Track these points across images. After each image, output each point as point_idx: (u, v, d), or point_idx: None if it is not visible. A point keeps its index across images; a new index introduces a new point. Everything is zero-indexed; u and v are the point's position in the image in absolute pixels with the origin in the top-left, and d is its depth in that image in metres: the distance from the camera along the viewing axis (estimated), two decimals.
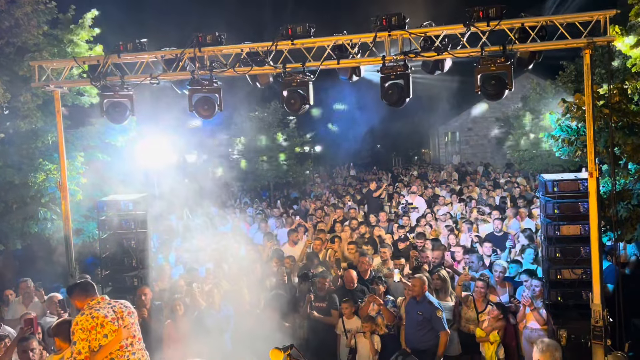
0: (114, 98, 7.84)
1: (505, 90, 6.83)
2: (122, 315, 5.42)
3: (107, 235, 8.49)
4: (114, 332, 5.30)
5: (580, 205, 7.14)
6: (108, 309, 5.39)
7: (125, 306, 5.54)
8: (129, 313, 5.51)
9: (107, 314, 5.32)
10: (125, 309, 5.50)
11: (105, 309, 5.36)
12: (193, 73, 7.44)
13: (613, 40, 6.78)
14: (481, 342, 7.90)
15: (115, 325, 5.31)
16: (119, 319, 5.38)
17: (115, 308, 5.43)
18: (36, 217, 10.83)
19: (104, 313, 5.31)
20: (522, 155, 22.86)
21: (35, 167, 10.71)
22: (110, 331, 5.29)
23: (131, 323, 5.46)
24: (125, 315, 5.44)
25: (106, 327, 5.28)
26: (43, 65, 8.07)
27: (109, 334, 5.28)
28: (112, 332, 5.29)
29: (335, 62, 7.20)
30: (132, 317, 5.52)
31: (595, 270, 6.65)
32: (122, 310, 5.44)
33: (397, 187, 20.84)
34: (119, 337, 5.32)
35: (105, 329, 5.27)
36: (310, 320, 8.45)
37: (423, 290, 7.80)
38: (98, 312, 5.29)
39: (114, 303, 5.51)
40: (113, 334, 5.29)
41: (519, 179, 20.88)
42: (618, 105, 8.54)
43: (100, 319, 5.27)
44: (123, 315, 5.42)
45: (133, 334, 5.47)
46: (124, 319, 5.41)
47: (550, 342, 4.89)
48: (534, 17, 6.64)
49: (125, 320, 5.41)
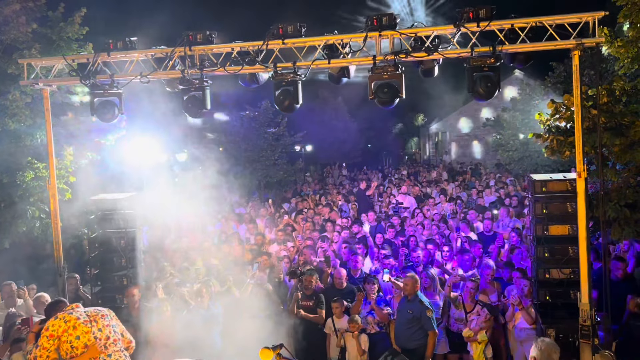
0: (104, 97, 7.80)
1: (495, 90, 6.87)
2: (96, 318, 5.38)
3: (96, 235, 8.44)
4: (86, 334, 5.24)
5: (569, 205, 7.19)
6: (80, 312, 5.39)
7: (97, 309, 5.53)
8: (103, 316, 5.45)
9: (79, 317, 5.31)
10: (99, 312, 5.47)
11: (77, 313, 5.36)
12: (183, 72, 7.41)
13: (601, 42, 6.82)
14: (469, 341, 7.94)
15: (88, 327, 5.27)
16: (92, 321, 5.34)
17: (88, 312, 5.43)
18: (24, 216, 10.74)
19: (77, 316, 5.30)
20: (511, 156, 23.00)
21: (23, 165, 10.62)
22: (83, 332, 5.24)
23: (105, 325, 5.40)
24: (98, 317, 5.39)
25: (78, 329, 5.24)
26: (32, 63, 8.02)
27: (82, 335, 5.24)
28: (84, 334, 5.24)
29: (326, 62, 7.21)
30: (106, 320, 5.46)
31: (584, 270, 6.70)
32: (95, 314, 5.42)
33: (387, 187, 20.88)
34: (93, 350, 5.28)
35: (77, 330, 5.24)
36: (297, 319, 8.45)
37: (415, 289, 7.84)
38: (70, 315, 5.30)
39: (87, 309, 5.51)
40: (85, 335, 5.24)
41: (509, 179, 20.99)
42: (606, 106, 8.63)
43: (72, 321, 5.25)
44: (97, 318, 5.38)
45: (107, 335, 5.39)
46: (97, 321, 5.36)
47: (550, 343, 4.90)
48: (523, 18, 6.67)
49: (99, 323, 5.36)
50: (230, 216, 15.28)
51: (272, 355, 4.61)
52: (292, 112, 7.53)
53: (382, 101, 7.13)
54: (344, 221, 13.54)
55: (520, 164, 22.50)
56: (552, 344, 4.90)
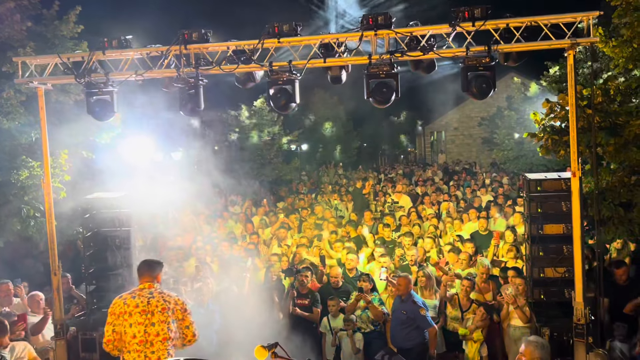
0: (99, 95, 7.77)
1: (490, 90, 6.88)
2: (154, 311, 5.32)
3: (91, 234, 8.42)
4: (139, 325, 5.28)
5: (564, 205, 7.22)
6: (144, 298, 5.36)
7: (164, 300, 5.41)
8: (163, 309, 5.35)
9: (139, 304, 5.34)
10: (163, 304, 5.37)
11: (143, 298, 5.37)
12: (179, 70, 7.39)
13: (596, 42, 6.85)
14: (465, 340, 7.96)
15: (143, 317, 5.29)
16: (149, 312, 5.31)
17: (154, 299, 5.38)
18: (19, 215, 10.70)
19: (137, 302, 5.34)
20: (506, 155, 23.07)
21: (18, 164, 10.59)
22: (136, 322, 5.29)
23: (160, 321, 5.31)
24: (157, 311, 5.32)
25: (133, 317, 5.31)
26: (26, 62, 7.97)
27: (134, 325, 5.29)
28: (137, 324, 5.28)
29: (322, 61, 7.20)
30: (165, 314, 5.35)
31: (578, 269, 6.73)
32: (156, 306, 5.34)
33: (383, 186, 20.89)
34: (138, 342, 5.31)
35: (132, 317, 5.31)
36: (292, 317, 8.46)
37: (408, 289, 7.85)
38: (132, 300, 5.36)
39: (156, 295, 5.43)
40: (138, 326, 5.28)
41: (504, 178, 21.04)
42: (601, 105, 8.66)
43: (131, 307, 5.34)
44: (155, 311, 5.33)
45: (157, 332, 5.29)
46: (154, 314, 5.31)
47: (536, 339, 4.91)
48: (518, 18, 6.68)
49: (155, 316, 5.30)
50: (226, 215, 15.28)
51: (267, 354, 4.60)
52: (288, 111, 7.52)
53: (378, 100, 7.13)
54: None
55: (515, 163, 22.57)
56: (538, 341, 4.91)
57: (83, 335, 7.98)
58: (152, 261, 5.82)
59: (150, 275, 5.63)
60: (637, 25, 8.20)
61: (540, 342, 4.85)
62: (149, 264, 5.72)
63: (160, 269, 5.78)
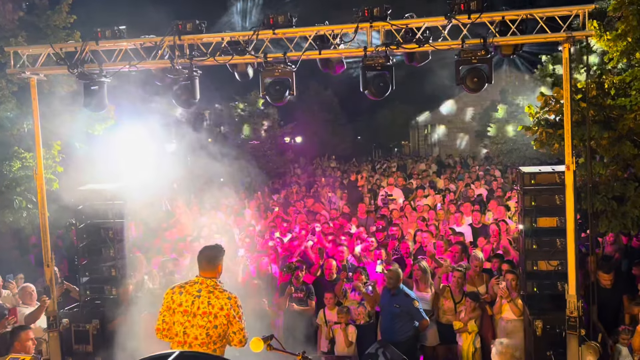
0: (92, 86, 7.71)
1: (485, 83, 6.87)
2: (195, 313, 4.94)
3: (84, 225, 8.38)
4: (180, 325, 4.95)
5: (557, 198, 7.24)
6: (190, 297, 4.99)
7: (209, 304, 4.95)
8: (204, 314, 4.92)
9: (182, 302, 4.99)
10: (205, 308, 4.94)
11: (189, 296, 5.00)
12: (172, 61, 7.34)
13: (591, 35, 6.85)
14: (459, 333, 7.99)
15: (184, 318, 4.94)
16: (190, 314, 4.95)
17: (199, 299, 4.98)
18: (11, 206, 10.64)
19: (181, 300, 5.00)
20: (500, 148, 23.11)
21: (10, 155, 10.52)
22: (178, 322, 4.97)
23: (199, 325, 4.90)
24: (198, 314, 4.94)
25: (176, 315, 5.00)
26: (18, 52, 7.89)
27: (177, 323, 4.97)
28: (178, 323, 4.96)
29: (317, 53, 7.17)
30: (204, 319, 4.91)
31: (571, 262, 6.75)
32: (200, 307, 4.95)
33: (377, 179, 20.90)
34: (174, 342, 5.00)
35: (175, 316, 5.00)
36: (288, 310, 8.46)
37: (398, 282, 7.87)
38: (179, 297, 5.03)
39: (203, 296, 4.99)
40: (180, 325, 4.95)
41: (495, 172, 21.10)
42: (595, 99, 8.68)
43: (175, 304, 5.02)
44: (197, 313, 4.94)
45: (196, 335, 4.91)
46: (195, 316, 4.94)
47: (510, 343, 4.89)
48: (514, 11, 6.68)
49: (195, 318, 4.92)
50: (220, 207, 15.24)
51: (263, 346, 4.61)
52: (282, 103, 7.49)
53: (373, 92, 7.12)
54: (333, 213, 13.56)
55: (509, 156, 22.61)
56: (512, 344, 4.89)
57: (76, 327, 7.96)
58: (212, 249, 5.27)
59: (210, 266, 5.16)
60: (632, 18, 8.21)
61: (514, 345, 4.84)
62: (208, 256, 5.20)
63: (222, 256, 5.26)
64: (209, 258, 5.17)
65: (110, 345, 7.58)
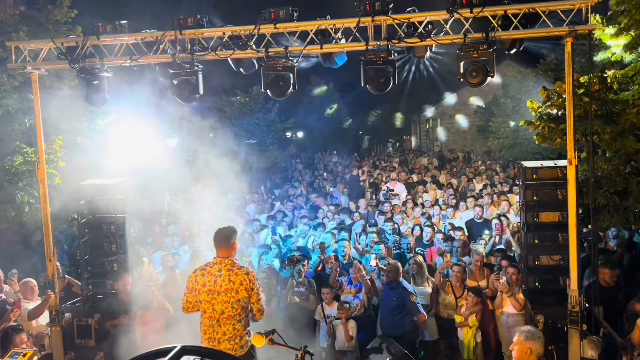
0: (93, 81, 7.70)
1: (487, 77, 6.85)
2: (218, 290, 5.48)
3: (86, 220, 8.39)
4: (207, 303, 5.51)
5: (559, 192, 7.23)
6: (212, 277, 5.54)
7: (230, 281, 5.52)
8: (227, 290, 5.49)
9: (206, 283, 5.53)
10: (227, 285, 5.50)
11: (211, 277, 5.54)
12: (174, 56, 7.32)
13: (594, 29, 6.82)
14: (460, 327, 8.00)
15: (209, 296, 5.50)
16: (214, 292, 5.49)
17: (220, 278, 5.51)
18: (13, 201, 10.64)
19: (205, 281, 5.54)
20: (502, 143, 23.05)
21: (12, 150, 10.51)
22: (204, 300, 5.52)
23: (224, 301, 5.49)
24: (222, 291, 5.49)
25: (202, 295, 5.54)
26: (20, 46, 7.88)
27: (203, 302, 5.52)
28: (205, 302, 5.52)
29: (319, 47, 7.15)
30: (228, 295, 5.49)
31: (573, 257, 6.75)
32: (222, 285, 5.49)
33: (379, 174, 20.88)
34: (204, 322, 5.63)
35: (201, 295, 5.54)
36: (289, 304, 8.47)
37: (397, 276, 7.89)
38: (202, 279, 5.56)
39: (224, 274, 5.53)
40: (206, 303, 5.51)
41: (498, 166, 21.09)
42: (598, 93, 8.64)
43: (199, 286, 5.55)
44: (220, 290, 5.49)
45: (222, 310, 5.51)
46: (219, 294, 5.48)
47: (528, 330, 4.88)
48: (516, 5, 6.65)
49: (220, 296, 5.48)
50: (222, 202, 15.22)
51: (265, 340, 4.62)
52: (283, 98, 7.47)
53: (375, 87, 7.10)
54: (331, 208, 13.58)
55: (510, 151, 22.54)
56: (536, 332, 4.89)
57: (78, 322, 8.00)
58: (226, 230, 5.78)
59: (226, 245, 5.69)
60: (635, 12, 8.17)
61: (532, 332, 4.83)
62: (224, 234, 5.73)
63: (236, 235, 5.84)
64: (226, 237, 5.70)
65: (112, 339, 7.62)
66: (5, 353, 5.78)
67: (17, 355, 5.10)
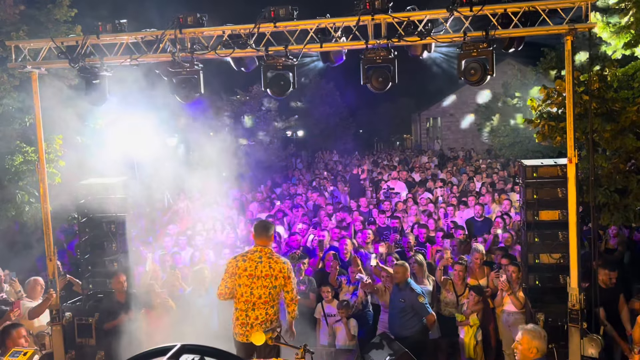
0: (93, 80, 7.69)
1: (486, 76, 6.84)
2: (259, 275, 5.90)
3: (86, 219, 8.39)
4: (245, 287, 5.91)
5: (559, 191, 7.23)
6: (253, 262, 5.97)
7: (270, 267, 5.95)
8: (266, 276, 5.91)
9: (247, 268, 5.96)
10: (267, 271, 5.93)
11: (252, 262, 5.97)
12: (174, 55, 7.32)
13: (594, 27, 6.80)
14: (461, 326, 8.00)
15: (249, 280, 5.91)
16: (255, 277, 5.91)
17: (261, 264, 5.95)
18: (14, 200, 10.65)
19: (246, 266, 5.96)
20: (502, 142, 23.03)
21: (12, 149, 10.51)
22: (244, 284, 5.92)
23: (263, 286, 5.90)
24: (261, 277, 5.90)
25: (242, 279, 5.94)
26: (20, 45, 7.88)
27: (242, 286, 5.91)
28: (244, 285, 5.91)
29: (319, 46, 7.14)
30: (267, 280, 5.91)
31: (573, 255, 6.74)
32: (262, 271, 5.93)
33: (379, 172, 20.87)
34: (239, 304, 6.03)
35: (241, 279, 5.95)
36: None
37: (405, 276, 7.87)
38: (243, 264, 5.99)
39: (264, 260, 5.98)
40: (245, 287, 5.91)
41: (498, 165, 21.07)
42: (598, 92, 8.64)
43: (240, 270, 5.97)
44: (260, 276, 5.91)
45: (260, 295, 5.90)
46: (259, 278, 5.89)
47: (533, 328, 4.89)
48: (516, 3, 6.63)
49: (259, 280, 5.89)
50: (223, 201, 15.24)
51: (265, 339, 4.63)
52: (283, 96, 7.47)
53: (374, 86, 7.09)
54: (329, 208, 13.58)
55: (511, 149, 22.52)
56: (542, 331, 4.90)
57: (79, 321, 7.99)
58: (266, 222, 6.51)
59: (266, 235, 6.18)
60: (636, 11, 8.16)
61: (537, 331, 4.84)
62: (265, 225, 6.31)
63: (274, 228, 6.47)
64: (266, 228, 6.24)
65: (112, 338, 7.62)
66: (4, 350, 5.79)
67: (18, 354, 5.10)
